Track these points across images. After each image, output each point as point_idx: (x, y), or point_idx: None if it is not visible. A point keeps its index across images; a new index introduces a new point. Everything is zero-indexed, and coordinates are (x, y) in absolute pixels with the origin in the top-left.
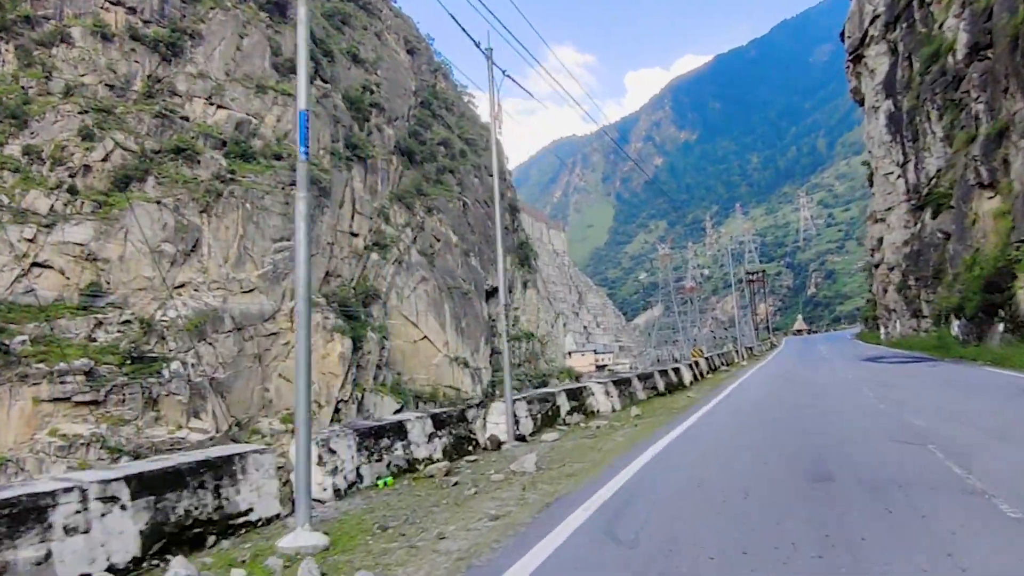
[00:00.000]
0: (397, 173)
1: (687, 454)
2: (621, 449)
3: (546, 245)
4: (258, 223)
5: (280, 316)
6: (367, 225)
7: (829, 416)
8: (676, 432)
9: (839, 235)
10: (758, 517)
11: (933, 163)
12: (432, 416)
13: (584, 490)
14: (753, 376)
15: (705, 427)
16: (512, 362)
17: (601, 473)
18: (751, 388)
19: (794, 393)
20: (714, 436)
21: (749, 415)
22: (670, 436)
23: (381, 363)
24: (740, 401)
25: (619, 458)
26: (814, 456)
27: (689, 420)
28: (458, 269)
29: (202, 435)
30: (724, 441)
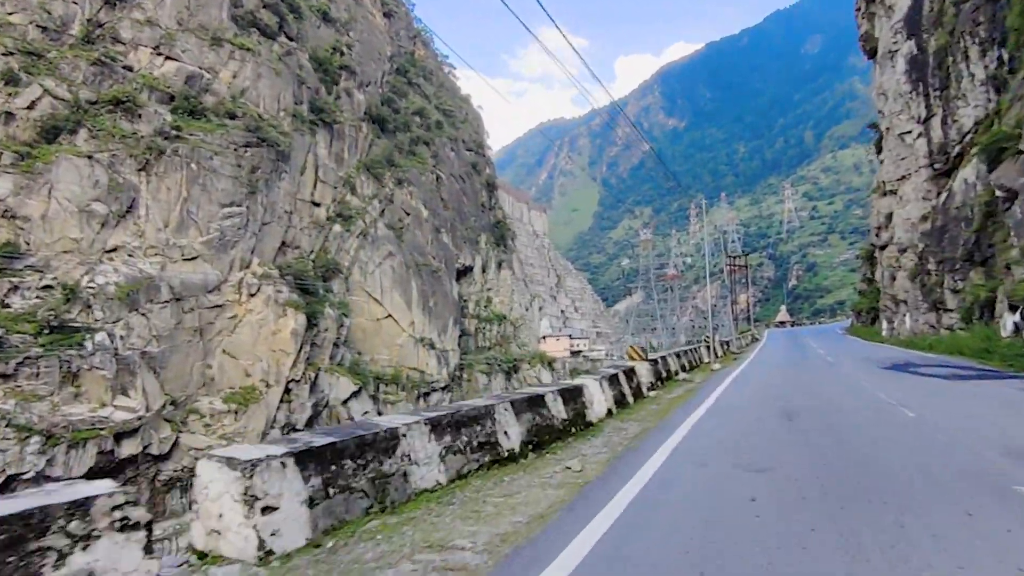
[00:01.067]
0: (366, 141)
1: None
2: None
3: (526, 226)
4: (205, 185)
5: (227, 287)
6: (331, 194)
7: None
8: None
9: (822, 228)
10: None
11: (969, 114)
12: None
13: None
14: (725, 396)
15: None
16: (482, 345)
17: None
18: (709, 443)
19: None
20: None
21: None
22: None
23: (339, 341)
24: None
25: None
26: None
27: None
28: (428, 246)
29: (129, 414)
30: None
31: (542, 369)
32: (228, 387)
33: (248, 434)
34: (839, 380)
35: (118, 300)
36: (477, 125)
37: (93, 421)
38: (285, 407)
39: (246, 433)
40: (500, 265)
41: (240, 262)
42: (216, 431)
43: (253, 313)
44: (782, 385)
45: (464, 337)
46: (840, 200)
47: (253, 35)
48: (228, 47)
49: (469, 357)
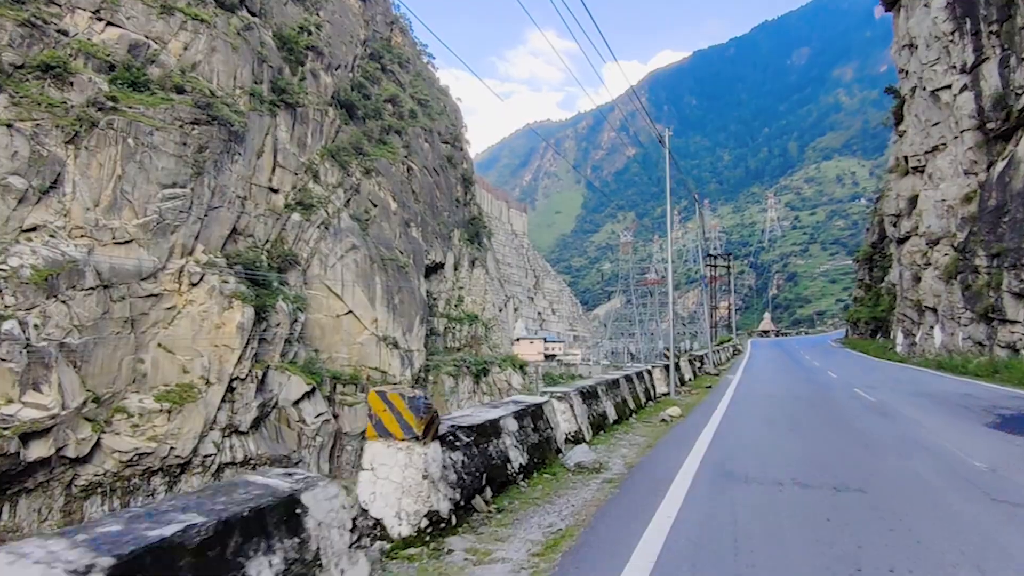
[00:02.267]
0: (333, 127)
1: None
2: None
3: (505, 225)
4: (142, 163)
5: (164, 275)
6: (290, 181)
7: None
8: None
9: (804, 238)
10: None
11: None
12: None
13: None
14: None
15: None
16: (451, 345)
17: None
18: None
19: None
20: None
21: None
22: None
23: (292, 338)
24: None
25: None
26: None
27: None
28: (395, 240)
29: (41, 412)
30: None
31: (513, 373)
32: (162, 384)
33: (183, 436)
34: (971, 480)
35: (34, 285)
36: (455, 117)
37: None
38: (228, 407)
39: (180, 435)
40: (473, 263)
41: (181, 248)
42: (145, 432)
43: (194, 304)
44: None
45: (432, 337)
46: (823, 211)
47: (209, 6)
48: (180, 16)
49: (436, 358)
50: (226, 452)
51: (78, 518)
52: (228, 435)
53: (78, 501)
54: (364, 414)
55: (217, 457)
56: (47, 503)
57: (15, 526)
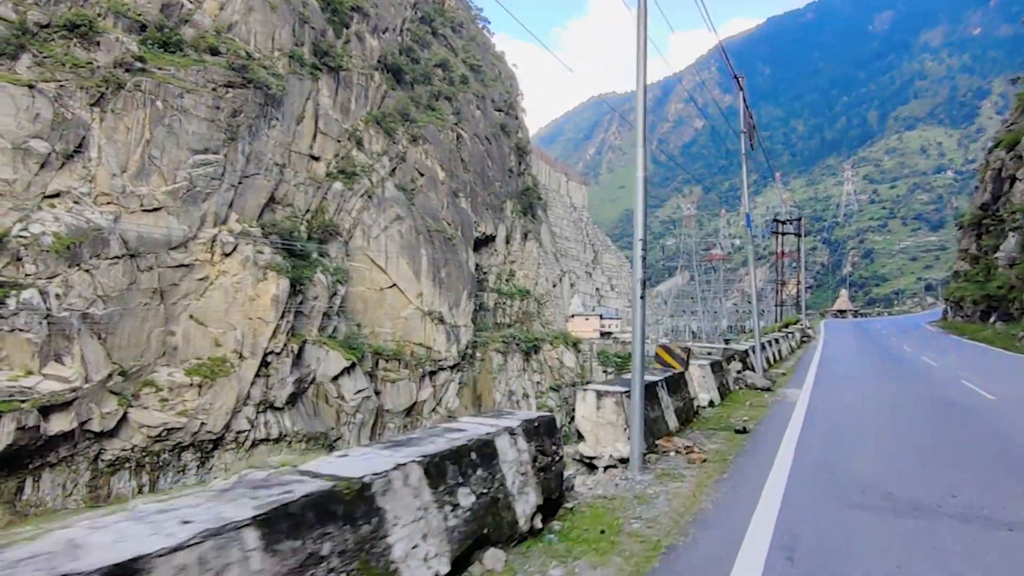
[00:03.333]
0: (379, 92)
1: None
2: None
3: (563, 198)
4: (172, 127)
5: (195, 245)
6: (332, 148)
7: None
8: None
9: (883, 213)
10: None
11: None
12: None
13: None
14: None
15: None
16: (500, 321)
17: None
18: None
19: None
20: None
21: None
22: None
23: (331, 311)
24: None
25: None
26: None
27: None
28: (443, 210)
29: (62, 384)
30: None
31: (566, 350)
32: (194, 358)
33: (214, 411)
34: None
35: (55, 253)
36: (510, 84)
37: (14, 391)
38: (262, 382)
39: (211, 410)
40: (526, 236)
41: (214, 217)
42: (175, 407)
43: (227, 275)
44: None
45: (480, 312)
46: (904, 184)
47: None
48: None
49: (484, 334)
50: (260, 428)
51: (104, 494)
52: (262, 411)
53: (105, 476)
54: (407, 391)
55: (251, 433)
56: (72, 477)
57: (39, 500)
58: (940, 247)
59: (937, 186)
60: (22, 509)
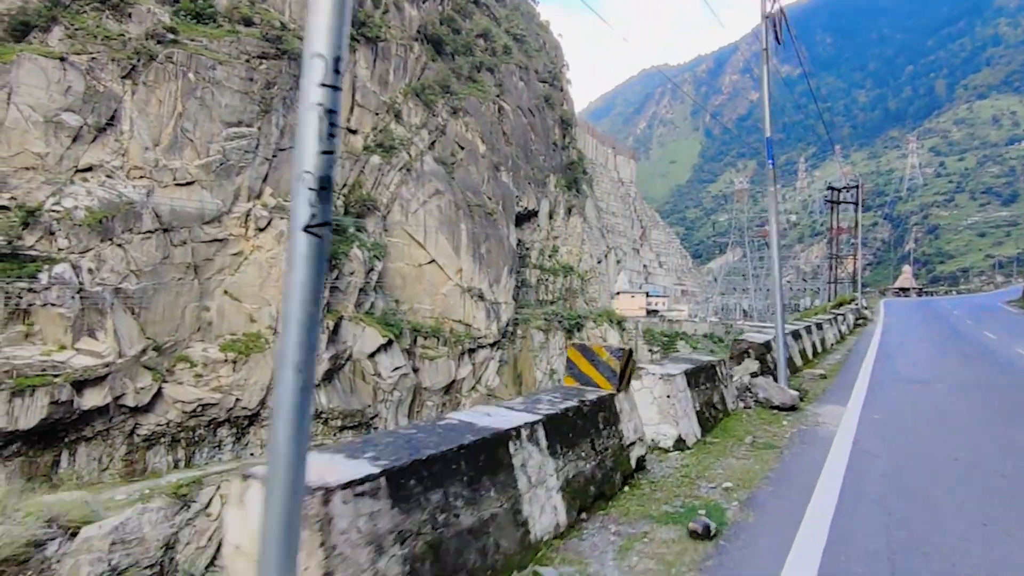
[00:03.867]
0: (418, 64)
1: None
2: None
3: (610, 172)
4: (204, 100)
5: (229, 219)
6: (370, 121)
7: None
8: None
9: (949, 187)
10: None
11: None
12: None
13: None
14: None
15: None
16: (543, 298)
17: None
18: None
19: None
20: None
21: None
22: None
23: (368, 287)
24: None
25: None
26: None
27: None
28: (483, 184)
29: (95, 359)
30: None
31: (609, 328)
32: (228, 333)
33: (249, 387)
34: None
35: (87, 227)
36: (555, 55)
37: (45, 366)
38: None
39: (246, 386)
40: (570, 211)
41: (248, 191)
42: (209, 383)
43: (261, 250)
44: None
45: (522, 289)
46: (973, 156)
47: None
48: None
49: (526, 311)
50: None
51: (141, 468)
52: None
53: (140, 451)
54: (446, 369)
55: None
56: (108, 452)
57: (75, 474)
58: (1012, 222)
59: (1010, 158)
60: (58, 482)
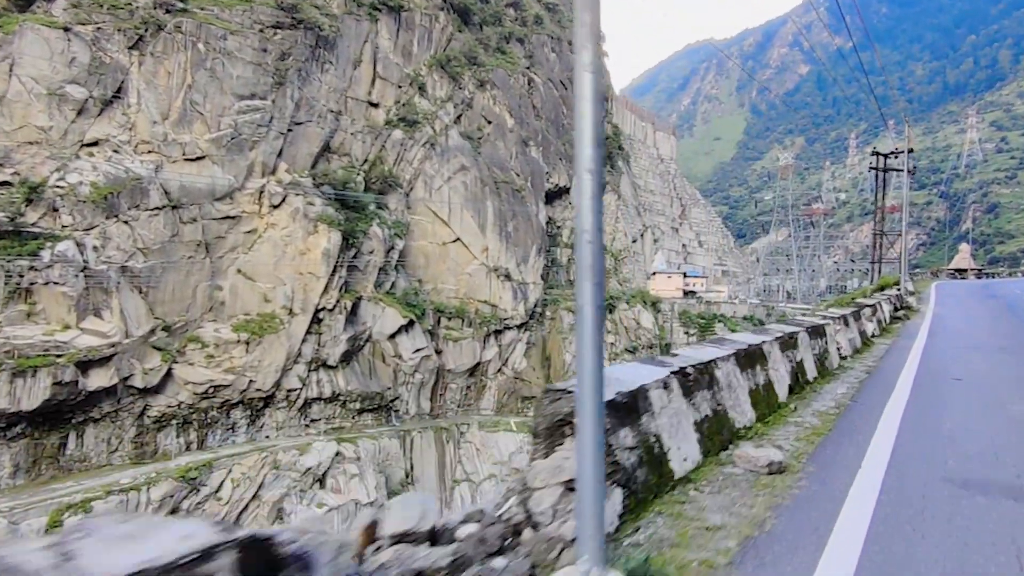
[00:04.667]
0: (444, 34)
1: None
2: None
3: (649, 149)
4: (215, 71)
5: (242, 196)
6: (392, 94)
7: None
8: None
9: (1011, 163)
10: None
11: None
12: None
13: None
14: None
15: None
16: (573, 279)
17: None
18: None
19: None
20: None
21: None
22: None
23: (389, 267)
24: None
25: None
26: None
27: None
28: (511, 160)
29: (100, 339)
30: None
31: (643, 310)
32: (242, 313)
33: (263, 368)
34: None
35: (92, 204)
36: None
37: (48, 346)
38: (313, 339)
39: (260, 367)
40: (603, 188)
41: (261, 167)
42: (221, 364)
43: (276, 228)
44: None
45: (553, 268)
46: None
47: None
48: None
49: (555, 292)
50: (312, 387)
51: (151, 450)
52: (315, 369)
53: (151, 433)
54: (470, 350)
55: (303, 392)
56: (117, 433)
57: (83, 456)
58: None
59: None
60: (66, 464)
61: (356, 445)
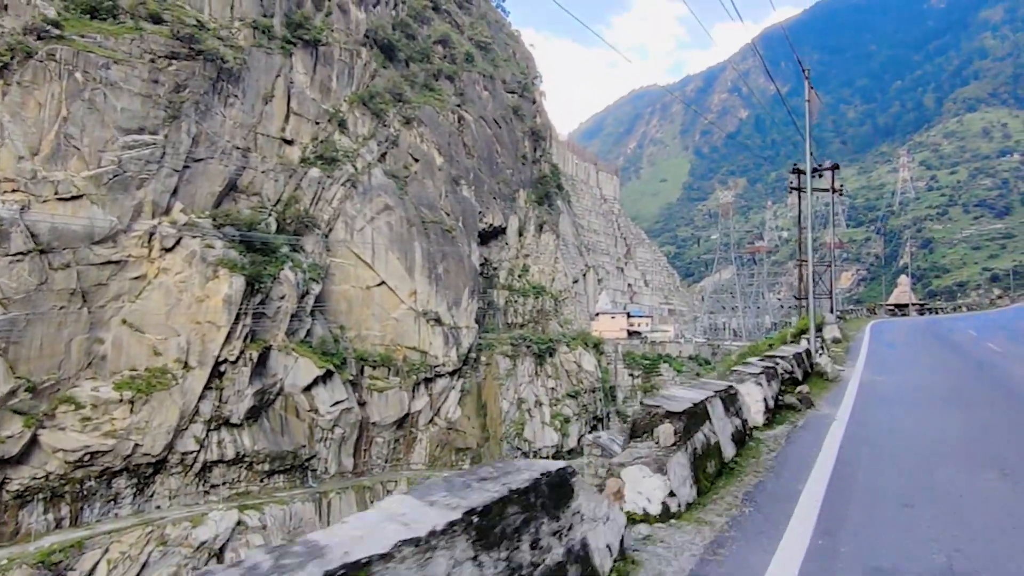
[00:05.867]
0: (367, 70)
1: None
2: None
3: (593, 189)
4: (94, 103)
5: (128, 239)
6: (309, 131)
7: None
8: None
9: (942, 200)
10: None
11: None
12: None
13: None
14: None
15: None
16: (512, 321)
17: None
18: None
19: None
20: None
21: None
22: None
23: (303, 313)
24: None
25: None
26: None
27: None
28: (441, 199)
29: None
30: None
31: (585, 352)
32: (127, 369)
33: (151, 430)
34: None
35: None
36: (527, 66)
37: None
38: (213, 395)
39: (147, 429)
40: (542, 227)
41: (152, 207)
42: (100, 427)
43: (169, 273)
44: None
45: (490, 312)
46: (964, 169)
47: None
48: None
49: (491, 336)
50: (212, 448)
51: (10, 530)
52: (215, 428)
53: (11, 509)
54: (397, 401)
55: (200, 454)
56: None
57: None
58: (1006, 235)
59: (1002, 170)
60: None
61: (262, 512)
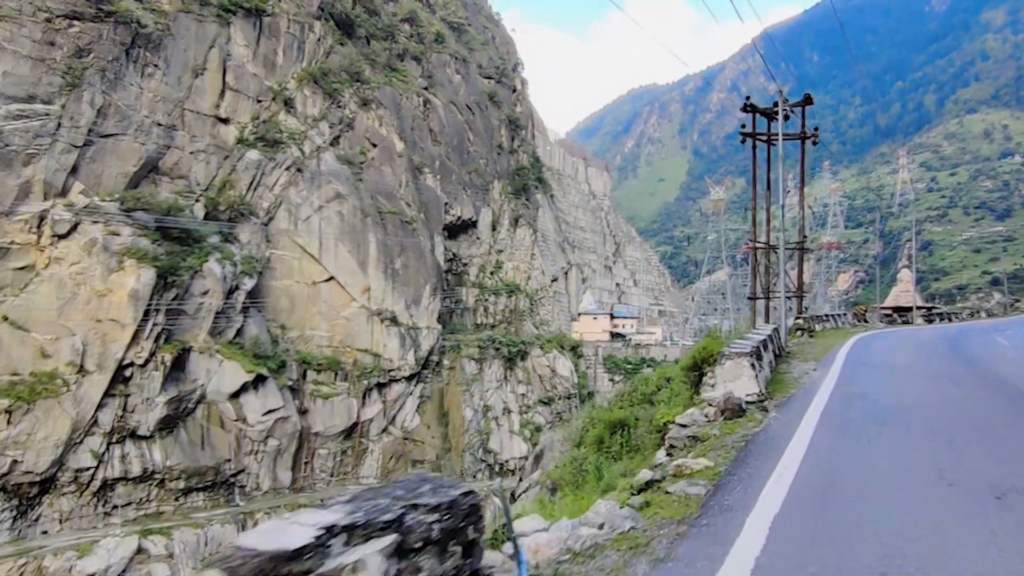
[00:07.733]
0: (320, 46)
1: None
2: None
3: (581, 184)
4: None
5: (11, 223)
6: (249, 110)
7: None
8: None
9: (942, 202)
10: None
11: None
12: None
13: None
14: None
15: None
16: (483, 322)
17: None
18: None
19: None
20: None
21: None
22: None
23: (232, 311)
24: None
25: None
26: None
27: None
28: (401, 188)
29: None
30: None
31: (560, 356)
32: (7, 373)
33: (34, 444)
34: None
35: None
36: (507, 51)
37: None
38: (116, 403)
39: (29, 443)
40: (517, 221)
41: (44, 187)
42: None
43: (63, 264)
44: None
45: (457, 311)
46: (965, 171)
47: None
48: None
49: (456, 337)
50: (114, 464)
51: None
52: (118, 441)
53: None
54: (344, 409)
55: (99, 471)
56: None
57: None
58: (1007, 237)
59: (1003, 172)
60: None
61: (169, 537)
